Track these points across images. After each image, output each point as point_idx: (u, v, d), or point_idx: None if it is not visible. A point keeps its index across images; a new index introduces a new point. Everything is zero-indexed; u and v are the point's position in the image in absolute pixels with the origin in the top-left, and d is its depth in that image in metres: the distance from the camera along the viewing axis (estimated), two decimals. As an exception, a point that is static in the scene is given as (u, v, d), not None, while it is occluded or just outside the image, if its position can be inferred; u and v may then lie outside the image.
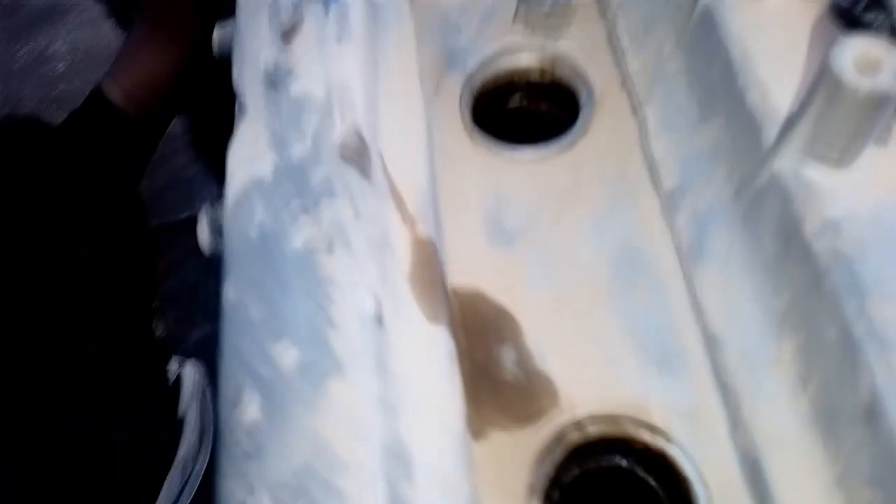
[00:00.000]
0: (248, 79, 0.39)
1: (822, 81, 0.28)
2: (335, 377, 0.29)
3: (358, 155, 0.35)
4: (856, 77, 0.27)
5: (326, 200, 0.33)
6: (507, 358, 0.35)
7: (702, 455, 0.30)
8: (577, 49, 0.43)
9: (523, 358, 0.35)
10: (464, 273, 0.37)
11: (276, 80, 0.37)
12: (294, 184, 0.34)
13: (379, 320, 0.30)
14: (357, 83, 0.37)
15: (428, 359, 0.32)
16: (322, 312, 0.30)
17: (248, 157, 0.36)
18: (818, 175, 0.30)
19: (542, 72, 0.43)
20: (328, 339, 0.30)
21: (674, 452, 0.30)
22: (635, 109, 0.41)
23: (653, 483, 0.32)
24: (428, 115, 0.41)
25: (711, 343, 0.33)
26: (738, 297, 0.33)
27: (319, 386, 0.29)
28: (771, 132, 0.32)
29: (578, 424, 0.32)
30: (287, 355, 0.30)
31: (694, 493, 0.29)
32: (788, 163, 0.31)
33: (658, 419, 0.32)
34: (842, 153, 0.30)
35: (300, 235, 0.32)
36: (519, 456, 0.32)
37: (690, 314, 0.34)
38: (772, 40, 0.34)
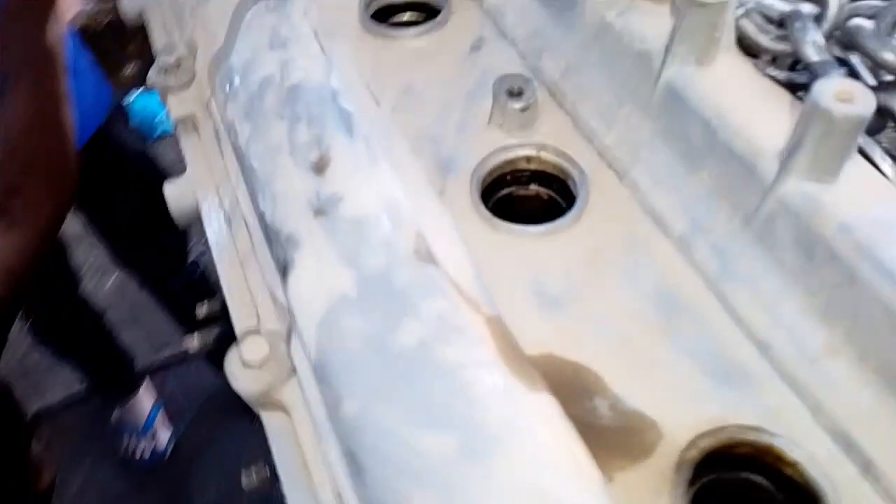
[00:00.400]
0: (289, 216, 0.41)
1: (813, 116, 0.35)
2: (498, 451, 0.31)
3: (429, 255, 0.38)
4: (841, 107, 0.35)
5: (423, 300, 0.36)
6: (601, 406, 0.38)
7: (800, 442, 0.35)
8: (554, 135, 0.49)
9: (615, 403, 0.38)
10: (530, 343, 0.41)
11: (323, 209, 0.40)
12: (382, 292, 0.36)
13: (509, 392, 0.33)
14: (401, 194, 0.40)
15: (547, 424, 0.35)
16: (463, 395, 0.33)
17: (320, 281, 0.38)
18: (818, 191, 0.37)
19: (530, 160, 0.48)
20: (478, 418, 0.32)
21: (779, 443, 0.35)
22: (622, 176, 0.47)
23: (761, 480, 0.36)
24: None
25: (765, 350, 0.39)
26: (776, 306, 0.39)
27: (486, 463, 0.31)
28: (765, 167, 0.39)
29: (692, 443, 0.36)
30: (444, 444, 0.32)
31: (808, 475, 0.34)
32: (792, 187, 0.38)
33: (751, 422, 0.36)
34: (834, 169, 0.37)
35: (410, 335, 0.35)
36: (651, 487, 0.35)
37: (737, 330, 0.40)
38: (734, 95, 0.42)
